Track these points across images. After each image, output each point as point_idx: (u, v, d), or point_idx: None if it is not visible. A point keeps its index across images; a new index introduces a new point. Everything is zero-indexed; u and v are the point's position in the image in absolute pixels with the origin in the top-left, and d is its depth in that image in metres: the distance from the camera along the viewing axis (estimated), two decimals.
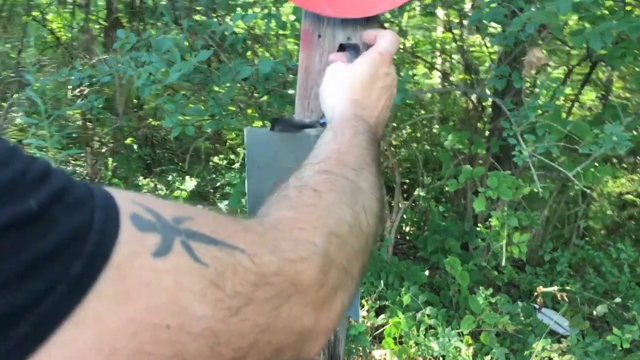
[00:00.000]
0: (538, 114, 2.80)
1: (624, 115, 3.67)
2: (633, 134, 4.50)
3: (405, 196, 5.72)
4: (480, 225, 4.08)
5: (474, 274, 3.89)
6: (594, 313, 3.61)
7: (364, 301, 3.28)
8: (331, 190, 0.57)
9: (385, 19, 4.12)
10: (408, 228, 5.70)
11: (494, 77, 2.87)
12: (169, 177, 4.45)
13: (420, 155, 5.31)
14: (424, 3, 4.39)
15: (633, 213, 6.47)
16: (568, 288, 3.90)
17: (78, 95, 3.98)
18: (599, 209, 6.14)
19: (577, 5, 2.33)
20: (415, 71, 6.20)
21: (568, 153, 3.60)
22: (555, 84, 2.92)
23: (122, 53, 2.73)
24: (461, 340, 3.08)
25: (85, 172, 5.58)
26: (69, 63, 4.47)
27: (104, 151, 5.89)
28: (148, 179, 5.34)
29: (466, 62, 4.93)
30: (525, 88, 3.44)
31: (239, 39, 2.55)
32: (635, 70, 3.94)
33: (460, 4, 4.76)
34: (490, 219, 3.74)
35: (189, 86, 3.17)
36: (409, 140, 5.95)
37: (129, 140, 6.22)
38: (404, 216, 5.42)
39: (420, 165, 4.99)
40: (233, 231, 0.43)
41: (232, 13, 3.30)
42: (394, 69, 0.87)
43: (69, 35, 5.46)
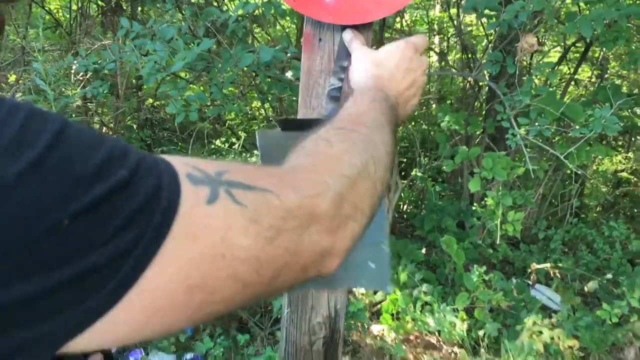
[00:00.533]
0: (532, 98, 2.88)
1: (618, 95, 3.75)
2: (626, 113, 4.58)
3: (403, 175, 5.81)
4: (476, 204, 4.19)
5: (470, 252, 4.00)
6: (585, 289, 3.72)
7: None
8: (343, 141, 0.67)
9: None
10: (405, 207, 5.81)
11: (488, 62, 2.94)
12: None
13: (418, 135, 5.39)
14: None
15: (628, 190, 6.57)
16: (561, 265, 4.02)
17: (81, 79, 4.04)
18: (594, 187, 6.23)
19: None
20: None
21: (562, 133, 3.68)
22: (549, 68, 2.99)
23: (125, 40, 2.79)
24: (456, 316, 3.19)
25: None
26: (71, 47, 4.52)
27: (104, 132, 5.96)
28: None
29: (463, 43, 4.98)
30: (519, 72, 3.50)
31: (239, 26, 2.61)
32: (630, 49, 4.00)
33: None
34: (486, 199, 3.84)
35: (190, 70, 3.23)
36: (406, 120, 6.02)
37: (129, 122, 6.28)
38: (402, 195, 5.52)
39: (418, 145, 5.07)
40: (261, 176, 0.53)
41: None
42: (424, 59, 0.96)
43: (67, 16, 5.48)
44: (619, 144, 6.34)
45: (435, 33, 5.89)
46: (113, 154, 0.42)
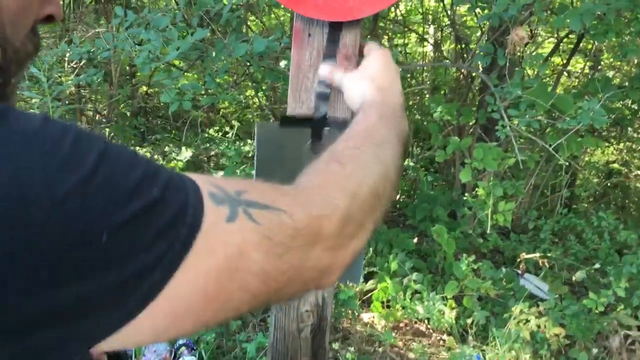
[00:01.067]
0: (523, 89, 2.91)
1: (609, 87, 3.79)
2: (618, 105, 4.62)
3: None
4: (467, 194, 4.23)
5: (460, 241, 4.04)
6: (574, 278, 3.78)
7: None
8: (353, 162, 0.70)
9: None
10: (398, 196, 5.85)
11: (480, 55, 2.97)
12: (166, 148, 4.54)
13: (411, 125, 5.42)
14: None
15: (619, 181, 6.63)
16: (550, 255, 4.07)
17: (74, 66, 4.04)
18: (585, 178, 6.29)
19: None
20: (407, 40, 6.26)
21: (552, 125, 3.71)
22: (540, 60, 3.02)
23: (119, 28, 2.80)
24: (445, 304, 3.25)
25: None
26: (65, 35, 4.51)
27: (98, 119, 5.95)
28: (144, 148, 5.43)
29: (457, 34, 5.00)
30: (512, 64, 3.53)
31: (234, 15, 2.62)
32: (621, 42, 4.02)
33: None
34: (477, 189, 3.88)
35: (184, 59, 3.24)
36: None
37: (123, 109, 6.28)
38: None
39: (410, 136, 5.11)
40: (276, 197, 0.57)
41: None
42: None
43: (61, 3, 5.46)
44: (612, 135, 6.38)
45: (429, 23, 5.90)
46: (147, 173, 0.47)
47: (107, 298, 0.43)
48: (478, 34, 5.14)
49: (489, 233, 3.98)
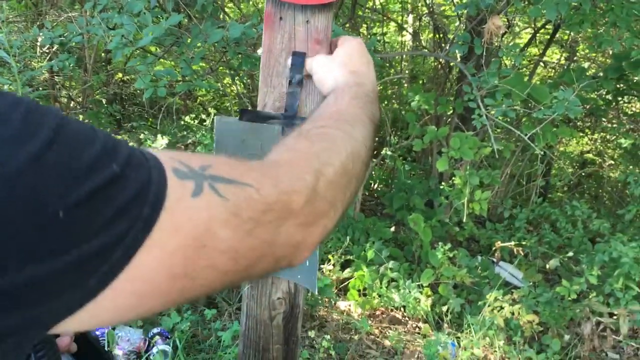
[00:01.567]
0: (500, 79, 2.92)
1: (584, 78, 3.83)
2: (593, 96, 4.68)
3: (375, 153, 5.86)
4: (444, 183, 4.25)
5: (437, 229, 4.07)
6: (547, 266, 3.83)
7: (330, 256, 3.43)
8: (323, 140, 0.69)
9: None
10: (376, 185, 5.86)
11: (457, 44, 2.97)
12: (141, 136, 4.49)
13: (389, 114, 5.43)
14: None
15: (593, 171, 6.73)
16: (524, 243, 4.12)
17: (47, 52, 3.96)
18: (560, 168, 6.37)
19: None
20: (386, 29, 6.25)
21: (528, 115, 3.74)
22: (516, 50, 3.04)
23: (93, 13, 2.75)
24: (421, 292, 3.27)
25: None
26: (37, 18, 4.41)
27: (72, 105, 5.85)
28: (119, 135, 5.35)
29: (435, 23, 5.00)
30: (490, 53, 3.54)
31: (210, 1, 2.58)
32: (595, 32, 4.07)
33: None
34: (454, 178, 3.90)
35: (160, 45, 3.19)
36: (379, 99, 6.04)
37: (98, 96, 6.18)
38: (372, 174, 5.57)
39: (388, 125, 5.11)
40: (243, 171, 0.55)
41: None
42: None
43: None
44: (586, 125, 6.46)
45: (408, 12, 5.89)
46: (106, 149, 0.44)
47: (66, 279, 0.41)
48: (457, 23, 5.15)
49: (465, 222, 4.02)
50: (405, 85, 5.90)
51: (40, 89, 5.38)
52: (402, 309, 3.37)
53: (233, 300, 3.10)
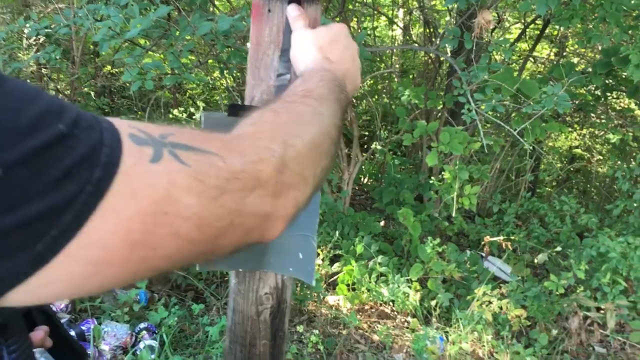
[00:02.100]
0: (490, 74, 2.92)
1: (573, 73, 3.83)
2: (582, 91, 4.69)
3: (365, 148, 5.85)
4: (433, 178, 4.25)
5: (426, 224, 4.07)
6: (535, 261, 3.85)
7: (319, 250, 3.43)
8: (289, 113, 0.68)
9: None
10: (366, 180, 5.86)
11: (447, 38, 2.96)
12: None
13: (380, 108, 5.42)
14: None
15: (581, 166, 6.77)
16: (513, 238, 4.14)
17: (34, 43, 3.91)
18: (549, 163, 6.39)
19: None
20: (376, 24, 6.24)
21: (518, 110, 3.75)
22: (506, 45, 3.03)
23: (80, 4, 2.71)
24: (409, 287, 3.27)
25: None
26: (24, 10, 4.35)
27: (60, 98, 5.80)
28: None
29: (425, 17, 4.99)
30: (480, 48, 3.54)
31: None
32: (585, 28, 4.07)
33: None
34: (444, 172, 3.91)
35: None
36: (369, 93, 6.04)
37: (86, 89, 6.12)
38: (363, 168, 5.57)
39: (378, 119, 5.11)
40: (205, 140, 0.54)
41: None
42: (354, 42, 0.97)
43: None
44: (575, 120, 6.49)
45: (399, 6, 5.88)
46: (50, 109, 0.42)
47: (9, 242, 0.39)
48: (447, 18, 5.14)
49: (454, 216, 4.02)
50: (396, 79, 5.89)
51: (28, 81, 5.32)
52: (391, 304, 3.37)
53: (221, 295, 3.08)
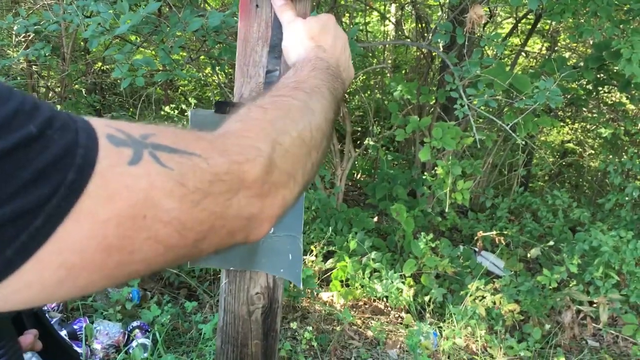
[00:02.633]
0: (482, 69, 2.91)
1: (565, 67, 3.84)
2: (574, 86, 4.70)
3: (358, 143, 5.84)
4: (426, 173, 4.25)
5: (419, 220, 4.07)
6: (528, 255, 3.86)
7: (312, 247, 3.42)
8: (277, 108, 0.65)
9: None
10: (359, 175, 5.85)
11: (439, 33, 2.95)
12: None
13: (372, 104, 5.41)
14: None
15: (573, 160, 6.79)
16: (506, 232, 4.14)
17: (23, 40, 3.87)
18: (541, 157, 6.41)
19: None
20: (368, 19, 6.22)
21: (510, 104, 3.75)
22: (498, 39, 3.03)
23: (69, 0, 2.68)
24: (403, 282, 3.27)
25: None
26: (12, 6, 4.31)
27: (51, 96, 5.75)
28: None
29: (417, 12, 4.98)
30: (472, 43, 3.53)
31: None
32: (577, 22, 4.07)
33: None
34: (436, 168, 3.90)
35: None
36: (361, 89, 6.02)
37: (77, 86, 6.08)
38: (356, 164, 5.56)
39: (371, 115, 5.10)
40: (189, 140, 0.52)
41: None
42: (344, 33, 0.96)
43: None
44: (567, 115, 6.51)
45: (391, 1, 5.86)
46: (21, 108, 0.41)
47: None
48: (439, 13, 5.14)
49: (447, 211, 4.02)
50: (388, 75, 5.88)
51: (18, 78, 5.27)
52: (385, 300, 3.37)
53: (214, 292, 3.07)
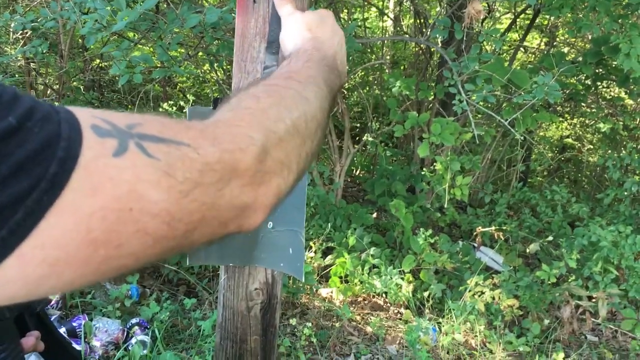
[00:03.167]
0: (480, 64, 2.91)
1: (564, 62, 3.83)
2: (573, 81, 4.70)
3: (357, 140, 5.84)
4: (425, 169, 4.25)
5: (419, 215, 4.07)
6: (527, 251, 3.86)
7: (311, 243, 3.42)
8: (270, 96, 0.64)
9: None
10: (358, 172, 5.85)
11: (437, 28, 2.95)
12: None
13: (371, 100, 5.41)
14: None
15: (572, 156, 6.79)
16: (505, 228, 4.15)
17: (21, 37, 3.86)
18: (540, 153, 6.41)
19: None
20: (367, 15, 6.21)
21: (509, 100, 3.75)
22: (496, 35, 3.02)
23: None
24: (402, 278, 3.27)
25: None
26: (9, 3, 4.30)
27: (49, 93, 5.74)
28: None
29: (416, 8, 4.98)
30: (470, 39, 3.53)
31: None
32: (575, 17, 4.07)
33: None
34: (435, 163, 3.90)
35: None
36: (360, 85, 6.02)
37: (75, 83, 6.07)
38: (354, 160, 5.55)
39: (369, 111, 5.09)
40: (178, 130, 0.50)
41: None
42: (340, 29, 0.95)
43: None
44: (566, 110, 6.51)
45: None
46: (2, 98, 0.40)
47: None
48: (437, 9, 5.13)
49: (446, 207, 4.03)
50: (387, 70, 5.87)
51: (16, 75, 5.26)
52: (384, 295, 3.37)
53: (213, 289, 3.07)
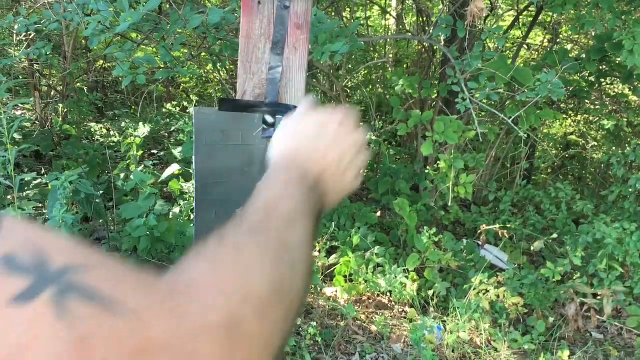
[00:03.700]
0: (483, 62, 2.91)
1: (567, 59, 3.83)
2: (576, 78, 4.69)
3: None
4: (429, 167, 4.25)
5: (423, 214, 4.08)
6: (532, 248, 3.86)
7: (315, 242, 3.42)
8: (252, 249, 0.52)
9: None
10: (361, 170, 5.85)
11: (440, 26, 2.95)
12: (122, 124, 4.42)
13: (374, 98, 5.41)
14: None
15: (576, 153, 6.78)
16: (509, 226, 4.14)
17: (24, 39, 3.88)
18: (544, 150, 6.40)
19: None
20: (369, 13, 6.21)
21: (512, 97, 3.75)
22: (499, 32, 3.02)
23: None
24: (407, 277, 3.27)
25: (35, 117, 5.47)
26: (13, 5, 4.31)
27: (53, 95, 5.76)
28: (100, 124, 5.29)
29: (418, 6, 4.97)
30: (473, 36, 3.53)
31: None
32: (579, 14, 4.06)
33: None
34: (439, 162, 3.90)
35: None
36: (363, 84, 6.02)
37: (79, 84, 6.09)
38: None
39: (373, 110, 5.10)
40: (129, 288, 0.38)
41: None
42: (358, 134, 0.77)
43: None
44: (569, 107, 6.49)
45: None
46: None
47: None
48: (440, 7, 5.12)
49: (450, 205, 4.03)
50: (390, 69, 5.88)
51: (20, 77, 5.28)
52: (389, 294, 3.37)
53: None
